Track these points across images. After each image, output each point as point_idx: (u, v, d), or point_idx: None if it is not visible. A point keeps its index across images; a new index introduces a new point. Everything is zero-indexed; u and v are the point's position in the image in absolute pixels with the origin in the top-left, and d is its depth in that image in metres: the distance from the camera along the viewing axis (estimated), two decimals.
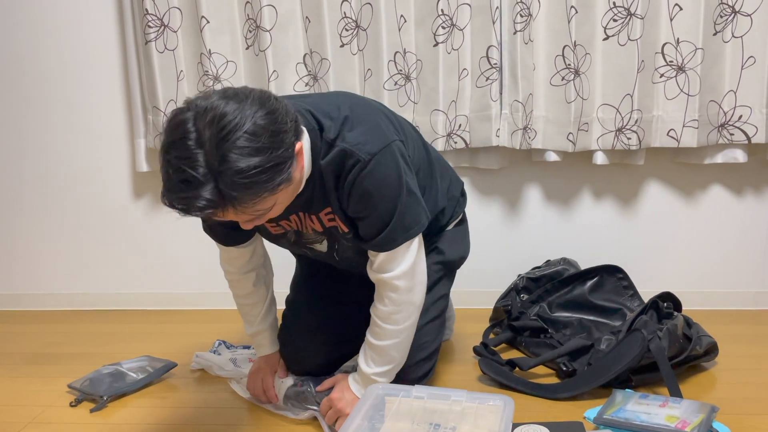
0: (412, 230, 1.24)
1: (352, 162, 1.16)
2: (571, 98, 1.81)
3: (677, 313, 1.56)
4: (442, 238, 1.48)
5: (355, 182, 1.17)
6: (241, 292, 1.46)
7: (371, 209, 1.20)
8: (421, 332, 1.39)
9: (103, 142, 2.07)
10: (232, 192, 0.97)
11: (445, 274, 1.48)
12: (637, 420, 1.27)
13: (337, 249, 1.34)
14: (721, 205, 1.95)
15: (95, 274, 2.16)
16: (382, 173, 1.18)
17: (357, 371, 1.34)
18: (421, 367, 1.41)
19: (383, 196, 1.19)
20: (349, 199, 1.20)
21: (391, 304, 1.26)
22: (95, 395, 1.51)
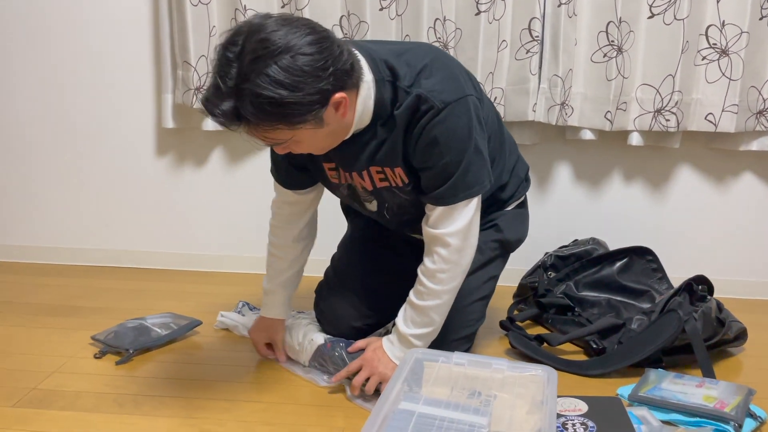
0: (474, 188, 1.22)
1: (425, 107, 1.15)
2: (612, 76, 1.78)
3: (710, 297, 1.55)
4: (503, 217, 1.47)
5: (425, 128, 1.16)
6: (279, 241, 1.44)
7: (437, 159, 1.18)
8: (468, 309, 1.39)
9: (129, 97, 2.03)
10: (246, 112, 1.01)
11: (500, 254, 1.47)
12: (674, 399, 1.27)
13: (386, 208, 1.33)
14: (752, 193, 1.93)
15: (116, 230, 2.13)
16: (454, 124, 1.17)
17: (392, 332, 1.32)
18: (460, 345, 1.40)
19: (451, 147, 1.18)
20: (416, 146, 1.18)
21: (440, 261, 1.24)
22: (120, 348, 1.49)
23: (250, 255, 2.08)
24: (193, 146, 2.05)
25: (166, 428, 1.21)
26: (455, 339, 1.39)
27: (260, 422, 1.24)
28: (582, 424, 1.16)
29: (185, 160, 2.06)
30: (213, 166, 2.06)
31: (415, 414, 1.02)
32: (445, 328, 1.34)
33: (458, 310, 1.36)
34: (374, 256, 1.51)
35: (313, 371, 1.42)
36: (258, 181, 2.04)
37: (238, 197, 2.07)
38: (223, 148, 2.05)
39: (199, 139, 2.04)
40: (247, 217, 2.07)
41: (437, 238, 1.24)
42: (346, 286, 1.47)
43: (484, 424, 1.00)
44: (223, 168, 2.06)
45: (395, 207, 1.32)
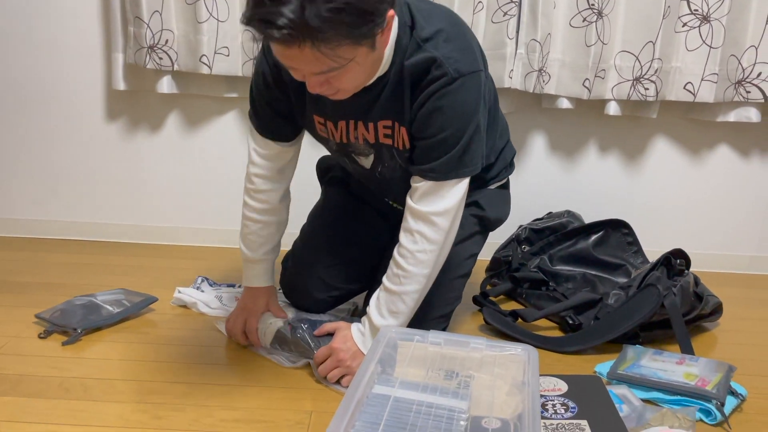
0: (467, 168, 1.16)
1: (438, 73, 1.08)
2: (591, 42, 1.71)
3: (688, 271, 1.51)
4: (483, 194, 1.41)
5: (434, 95, 1.09)
6: (260, 205, 1.32)
7: (437, 129, 1.11)
8: (450, 286, 1.33)
9: (75, 56, 1.87)
10: (315, 20, 0.90)
11: (480, 230, 1.42)
12: (655, 377, 1.23)
13: (380, 169, 1.25)
14: (726, 165, 1.91)
15: (63, 200, 1.98)
16: (463, 97, 1.10)
17: (363, 322, 1.24)
18: (441, 323, 1.35)
19: (455, 120, 1.11)
20: (420, 111, 1.11)
21: (424, 241, 1.16)
22: (67, 327, 1.38)
23: (208, 227, 1.97)
24: (146, 110, 1.91)
25: (117, 414, 1.11)
26: (435, 317, 1.33)
27: (221, 407, 1.15)
28: (563, 405, 1.11)
29: (138, 125, 1.93)
30: (168, 132, 1.93)
31: (391, 398, 0.95)
32: (426, 305, 1.27)
33: (440, 286, 1.29)
34: (345, 228, 1.43)
35: (276, 351, 1.33)
36: (217, 147, 1.92)
37: (195, 165, 1.94)
38: (180, 112, 1.91)
39: (154, 103, 1.90)
40: (206, 186, 1.95)
41: (423, 216, 1.16)
42: (314, 255, 1.40)
43: (464, 409, 0.94)
44: (179, 133, 1.93)
45: (388, 170, 1.25)
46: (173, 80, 1.82)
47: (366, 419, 0.89)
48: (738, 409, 1.20)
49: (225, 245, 1.97)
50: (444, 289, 1.31)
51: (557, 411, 1.09)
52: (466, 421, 0.92)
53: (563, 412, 1.08)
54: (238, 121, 1.92)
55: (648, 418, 1.08)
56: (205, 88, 1.85)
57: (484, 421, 0.93)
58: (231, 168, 1.93)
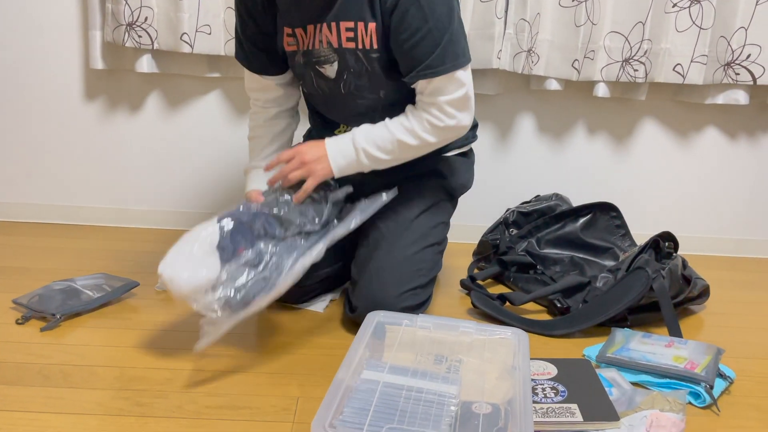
0: (463, 58, 1.17)
1: None
2: (581, 22, 1.69)
3: (676, 254, 1.51)
4: (444, 162, 1.39)
5: None
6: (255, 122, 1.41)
7: (419, 24, 1.13)
8: (416, 257, 1.30)
9: (51, 34, 1.81)
10: None
11: (445, 198, 1.40)
12: (644, 360, 1.22)
13: (345, 77, 1.25)
14: (714, 148, 1.90)
15: (40, 183, 1.93)
16: None
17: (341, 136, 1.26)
18: (417, 295, 1.31)
19: (435, 10, 1.12)
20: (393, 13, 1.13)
21: (435, 118, 1.19)
22: (46, 313, 1.34)
23: (191, 210, 1.93)
24: (125, 90, 1.86)
25: (98, 402, 1.08)
26: (406, 291, 1.29)
27: (205, 393, 1.12)
28: (552, 389, 1.10)
29: (117, 105, 1.87)
30: (148, 112, 1.88)
31: (380, 384, 0.93)
32: (395, 278, 1.25)
33: (406, 259, 1.28)
34: None
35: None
36: (199, 128, 1.88)
37: (176, 146, 1.90)
38: (160, 92, 1.86)
39: (133, 82, 1.85)
40: (188, 168, 1.91)
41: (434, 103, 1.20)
42: None
43: (454, 394, 0.92)
44: (159, 114, 1.88)
45: (354, 76, 1.24)
46: (153, 59, 1.77)
47: (355, 405, 0.87)
48: (726, 391, 1.20)
49: None
50: (412, 260, 1.29)
51: (547, 395, 1.08)
52: (457, 407, 0.90)
53: (553, 396, 1.07)
54: (220, 102, 1.87)
55: (638, 401, 1.07)
56: (186, 67, 1.80)
57: (474, 406, 0.92)
58: (213, 149, 1.88)
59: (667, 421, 0.98)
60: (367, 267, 1.30)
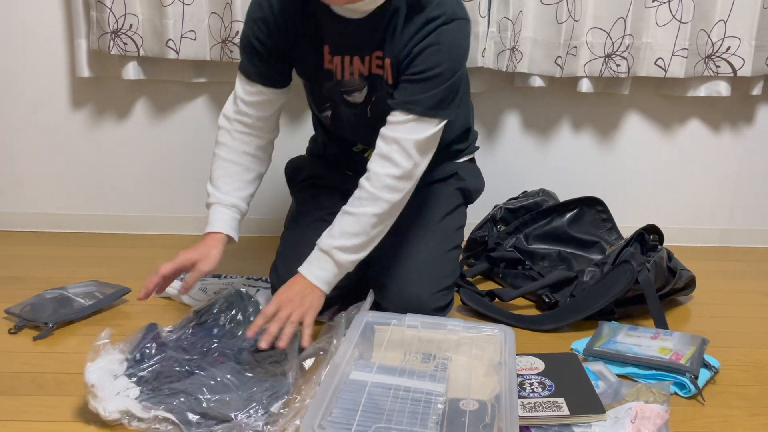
0: (447, 111, 1.19)
1: (436, 13, 1.13)
2: (563, 19, 1.70)
3: (661, 246, 1.53)
4: (460, 167, 1.45)
5: (430, 34, 1.13)
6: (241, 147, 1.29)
7: (431, 65, 1.14)
8: (446, 258, 1.34)
9: (37, 43, 1.81)
10: None
11: (462, 202, 1.44)
12: (630, 352, 1.24)
13: (373, 101, 1.27)
14: (698, 139, 1.92)
15: (30, 191, 1.93)
16: (458, 39, 1.16)
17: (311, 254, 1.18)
18: (445, 296, 1.33)
19: (448, 58, 1.14)
20: (415, 47, 1.14)
21: (391, 166, 1.16)
22: (38, 322, 1.35)
23: (182, 215, 1.94)
24: (113, 97, 1.86)
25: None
26: (438, 291, 1.30)
27: None
28: (540, 383, 1.11)
29: (105, 113, 1.88)
30: (136, 119, 1.88)
31: (368, 384, 0.95)
32: (428, 278, 1.28)
33: (437, 260, 1.31)
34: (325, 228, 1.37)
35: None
36: (187, 133, 1.89)
37: (165, 152, 1.91)
38: (148, 99, 1.87)
39: (120, 89, 1.85)
40: (177, 173, 1.92)
41: (397, 140, 1.16)
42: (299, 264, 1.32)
43: (441, 392, 0.94)
44: (147, 120, 1.89)
45: (380, 104, 1.24)
46: (139, 66, 1.77)
47: (343, 406, 0.89)
48: (711, 381, 1.22)
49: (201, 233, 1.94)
50: (439, 262, 1.32)
51: (534, 390, 1.09)
52: (444, 404, 0.92)
53: (540, 391, 1.09)
54: (207, 107, 1.88)
55: (624, 393, 1.09)
56: (172, 73, 1.81)
57: (461, 403, 0.94)
58: (202, 154, 1.89)
59: (651, 412, 1.00)
60: (397, 268, 1.30)
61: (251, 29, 1.24)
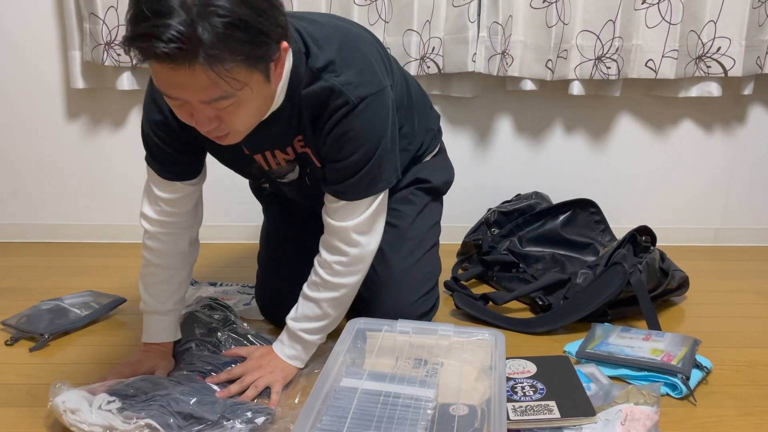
0: (380, 185, 1.13)
1: (339, 102, 1.04)
2: (552, 22, 1.71)
3: (653, 248, 1.53)
4: (423, 168, 1.39)
5: (339, 123, 1.05)
6: (171, 249, 1.21)
7: (346, 153, 1.08)
8: (420, 264, 1.32)
9: (32, 55, 1.83)
10: (206, 35, 0.82)
11: (432, 199, 1.40)
12: (622, 353, 1.25)
13: (308, 172, 1.21)
14: (690, 140, 1.93)
15: (26, 202, 1.95)
16: (369, 120, 1.07)
17: (283, 331, 1.20)
18: (428, 300, 1.33)
19: (364, 142, 1.08)
20: (327, 139, 1.08)
21: (338, 253, 1.14)
22: (34, 333, 1.36)
23: None
24: (107, 107, 1.88)
25: None
26: (418, 298, 1.30)
27: None
28: (531, 387, 1.12)
29: (100, 123, 1.89)
30: (131, 129, 1.90)
31: (358, 391, 0.95)
32: (404, 289, 1.28)
33: (411, 267, 1.30)
34: (298, 242, 1.38)
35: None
36: None
37: None
38: (141, 109, 1.88)
39: (114, 100, 1.87)
40: None
41: (338, 230, 1.14)
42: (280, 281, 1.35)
43: (431, 398, 0.95)
44: None
45: (316, 172, 1.19)
46: (133, 76, 1.79)
47: (333, 413, 0.90)
48: (703, 381, 1.22)
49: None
50: (416, 269, 1.31)
51: (526, 393, 1.10)
52: (434, 410, 0.93)
53: (532, 394, 1.09)
54: None
55: (615, 395, 1.10)
56: None
57: (451, 408, 0.94)
58: None
59: (641, 414, 1.00)
60: (375, 282, 1.31)
61: (152, 130, 1.12)
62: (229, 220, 1.95)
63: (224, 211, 1.95)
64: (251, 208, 1.47)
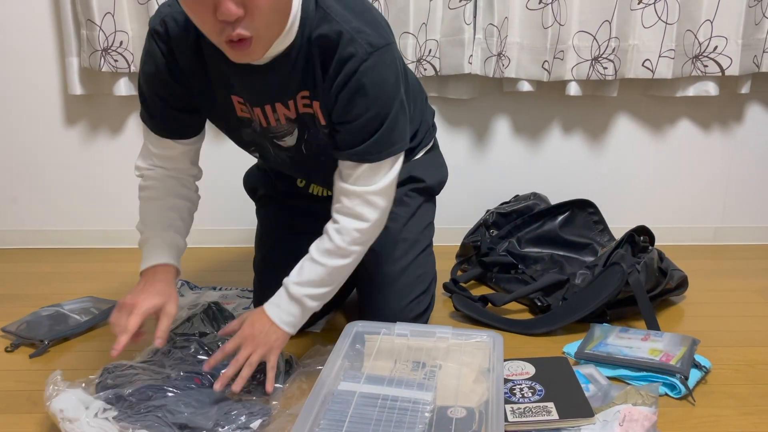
0: (398, 145, 1.10)
1: (351, 50, 1.00)
2: (548, 23, 1.71)
3: (652, 247, 1.53)
4: (415, 165, 1.38)
5: (353, 76, 1.02)
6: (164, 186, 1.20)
7: (361, 110, 1.04)
8: (413, 266, 1.31)
9: (29, 62, 1.83)
10: None
11: (425, 199, 1.39)
12: (621, 354, 1.25)
13: (306, 139, 1.17)
14: (688, 139, 1.93)
15: (25, 208, 1.95)
16: (382, 73, 1.03)
17: (277, 295, 1.14)
18: (420, 302, 1.32)
19: (378, 98, 1.04)
20: (340, 94, 1.04)
21: (362, 220, 1.11)
22: (34, 339, 1.36)
23: None
24: (105, 113, 1.88)
25: None
26: (410, 301, 1.30)
27: None
28: (530, 388, 1.12)
29: (98, 129, 1.90)
30: (129, 134, 1.90)
31: (356, 394, 0.96)
32: (397, 292, 1.27)
33: (403, 270, 1.29)
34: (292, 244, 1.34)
35: None
36: None
37: None
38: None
39: (112, 106, 1.87)
40: None
41: (360, 195, 1.10)
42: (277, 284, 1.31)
43: (428, 401, 0.95)
44: (140, 135, 1.89)
45: (314, 141, 1.16)
46: (131, 82, 1.79)
47: (331, 417, 0.90)
48: (702, 381, 1.22)
49: (197, 245, 1.96)
50: (408, 272, 1.30)
51: (524, 395, 1.10)
52: (431, 413, 0.93)
53: (530, 396, 1.09)
54: None
55: (613, 396, 1.10)
56: None
57: (449, 410, 0.94)
58: None
59: (639, 414, 1.00)
60: (369, 285, 1.31)
61: (146, 84, 1.11)
62: (227, 224, 1.96)
63: (222, 215, 1.95)
64: (249, 211, 1.48)
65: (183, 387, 1.09)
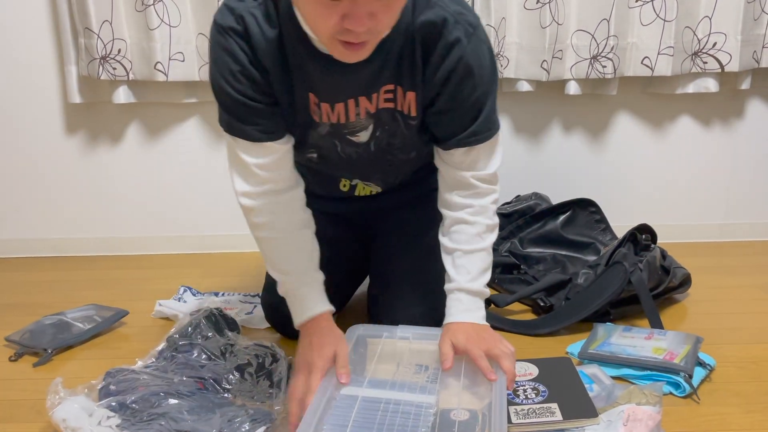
0: (498, 122, 1.10)
1: (457, 34, 0.98)
2: (546, 23, 1.71)
3: (654, 245, 1.53)
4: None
5: (460, 62, 1.00)
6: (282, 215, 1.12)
7: (469, 92, 1.03)
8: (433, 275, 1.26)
9: (28, 71, 1.84)
10: None
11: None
12: (624, 353, 1.24)
13: (377, 135, 1.14)
14: (689, 136, 1.93)
15: (26, 217, 1.96)
16: (483, 51, 1.02)
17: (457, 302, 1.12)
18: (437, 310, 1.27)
19: (483, 76, 1.03)
20: (447, 81, 1.02)
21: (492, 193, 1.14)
22: (38, 348, 1.36)
23: (179, 234, 1.95)
24: (105, 121, 1.89)
25: None
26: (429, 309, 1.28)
27: None
28: (533, 389, 1.12)
29: (98, 137, 1.90)
30: (129, 142, 1.91)
31: (359, 398, 0.95)
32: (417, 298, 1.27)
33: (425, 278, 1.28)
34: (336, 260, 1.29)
35: None
36: (180, 153, 1.91)
37: (160, 173, 1.93)
38: (139, 122, 1.89)
39: (112, 114, 1.88)
40: (172, 193, 1.94)
41: (488, 178, 1.13)
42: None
43: (431, 403, 0.94)
44: (140, 142, 1.91)
45: (386, 139, 1.14)
46: (129, 89, 1.79)
47: (334, 421, 0.90)
48: (707, 379, 1.21)
49: (198, 251, 1.97)
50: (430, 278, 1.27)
51: (528, 396, 1.10)
52: (434, 416, 0.93)
53: (534, 397, 1.09)
54: (199, 126, 1.90)
55: (617, 396, 1.10)
56: (162, 95, 1.83)
57: (452, 413, 0.94)
58: (195, 173, 1.91)
59: (643, 414, 1.00)
60: (388, 288, 1.30)
61: (232, 86, 1.03)
62: (230, 230, 1.96)
63: (225, 220, 1.95)
64: None
65: (186, 392, 1.09)
